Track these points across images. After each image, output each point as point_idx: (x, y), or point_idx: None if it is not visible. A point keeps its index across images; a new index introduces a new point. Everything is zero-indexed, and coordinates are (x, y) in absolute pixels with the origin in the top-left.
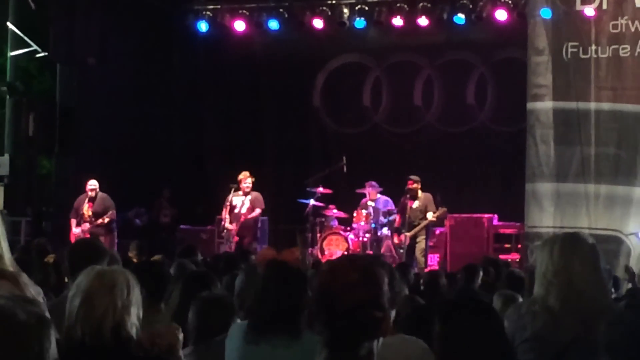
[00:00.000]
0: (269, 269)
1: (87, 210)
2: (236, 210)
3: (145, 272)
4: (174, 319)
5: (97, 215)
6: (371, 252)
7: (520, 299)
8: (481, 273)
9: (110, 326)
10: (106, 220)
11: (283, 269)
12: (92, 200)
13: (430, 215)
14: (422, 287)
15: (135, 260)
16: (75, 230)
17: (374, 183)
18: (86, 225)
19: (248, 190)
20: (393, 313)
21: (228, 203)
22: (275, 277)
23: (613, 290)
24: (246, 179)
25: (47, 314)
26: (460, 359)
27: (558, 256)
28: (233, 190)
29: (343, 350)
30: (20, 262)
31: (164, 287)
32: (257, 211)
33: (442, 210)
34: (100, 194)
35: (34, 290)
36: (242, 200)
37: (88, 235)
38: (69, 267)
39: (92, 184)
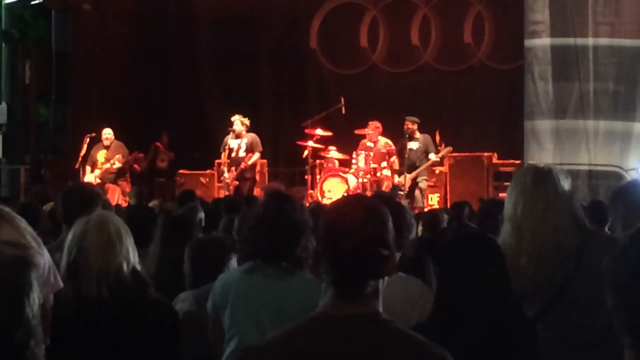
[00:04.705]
0: (270, 199)
1: (100, 157)
2: (233, 154)
3: (136, 217)
4: (157, 265)
5: (109, 161)
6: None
7: None
8: (467, 210)
9: (128, 273)
10: (112, 166)
11: (285, 200)
12: (106, 148)
13: (432, 157)
14: (420, 227)
15: None
16: (88, 177)
17: (378, 124)
18: (97, 172)
19: (241, 132)
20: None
21: (226, 147)
22: (274, 207)
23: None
24: (237, 122)
25: (37, 259)
26: (458, 296)
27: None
28: (231, 133)
29: (349, 288)
30: (26, 209)
31: (152, 232)
32: (256, 156)
33: (446, 150)
34: (115, 142)
35: (30, 235)
36: (238, 144)
37: (99, 181)
38: (63, 213)
39: (107, 132)
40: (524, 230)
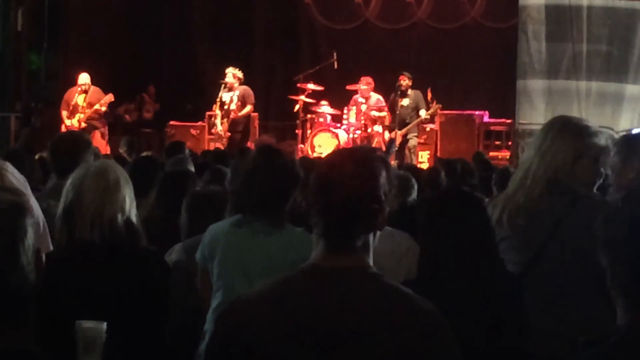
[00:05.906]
0: (260, 153)
1: (82, 101)
2: (226, 107)
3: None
4: (149, 213)
5: (92, 106)
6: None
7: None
8: (459, 168)
9: (122, 222)
10: (101, 107)
11: (275, 155)
12: (85, 92)
13: (423, 113)
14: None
15: (126, 156)
16: (68, 122)
17: (369, 80)
18: (81, 117)
19: (233, 85)
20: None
21: (218, 99)
22: (265, 161)
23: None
24: (229, 74)
25: (30, 204)
26: (442, 252)
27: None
28: (223, 86)
29: (339, 241)
30: (14, 156)
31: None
32: (248, 108)
33: (435, 107)
34: (92, 87)
35: (17, 180)
36: (231, 96)
37: (85, 126)
38: (52, 161)
39: (84, 77)
40: (524, 184)
